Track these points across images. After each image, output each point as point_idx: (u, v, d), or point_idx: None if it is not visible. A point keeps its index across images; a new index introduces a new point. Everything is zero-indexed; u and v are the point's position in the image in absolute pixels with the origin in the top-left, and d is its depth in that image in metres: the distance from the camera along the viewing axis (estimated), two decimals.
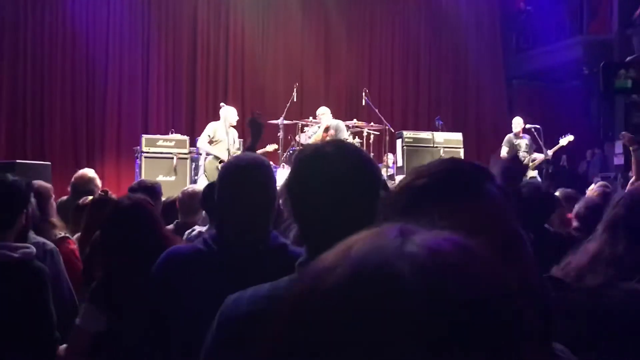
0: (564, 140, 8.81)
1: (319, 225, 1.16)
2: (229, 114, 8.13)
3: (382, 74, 13.13)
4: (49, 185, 3.43)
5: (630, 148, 5.02)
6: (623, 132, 5.17)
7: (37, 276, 2.18)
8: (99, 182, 4.51)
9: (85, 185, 4.31)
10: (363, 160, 1.23)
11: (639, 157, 4.97)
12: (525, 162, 8.41)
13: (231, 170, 1.79)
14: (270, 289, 1.18)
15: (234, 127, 8.19)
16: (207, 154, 7.93)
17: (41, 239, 2.69)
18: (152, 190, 3.55)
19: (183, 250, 1.80)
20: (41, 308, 2.18)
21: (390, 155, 10.76)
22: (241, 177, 1.75)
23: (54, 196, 3.53)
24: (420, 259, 0.45)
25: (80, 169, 6.57)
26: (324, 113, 8.84)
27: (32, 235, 2.64)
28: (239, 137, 8.51)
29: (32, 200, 2.62)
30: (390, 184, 9.32)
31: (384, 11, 13.17)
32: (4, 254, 2.14)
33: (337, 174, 1.17)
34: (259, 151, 8.28)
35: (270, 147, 8.57)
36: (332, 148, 1.22)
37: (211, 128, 8.11)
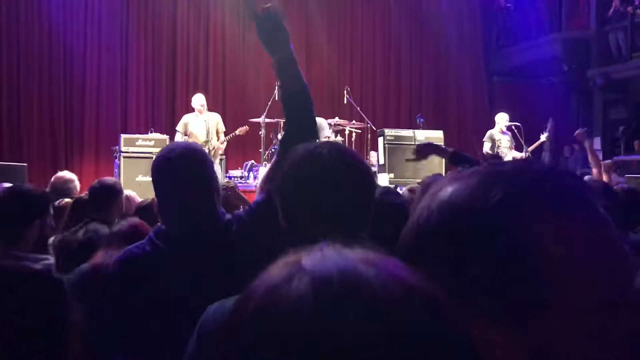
0: (544, 136, 8.90)
1: (310, 228, 1.11)
2: (193, 101, 8.16)
3: (363, 72, 13.13)
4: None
5: (586, 143, 5.08)
6: (579, 130, 5.23)
7: (57, 288, 2.14)
8: (77, 184, 4.43)
9: (64, 185, 4.24)
10: (358, 164, 1.20)
11: (594, 152, 5.05)
12: (505, 158, 8.45)
13: (162, 164, 1.76)
14: None
15: (218, 114, 8.24)
16: None
17: None
18: (110, 189, 3.45)
19: (135, 255, 1.74)
20: (60, 321, 2.14)
21: (373, 153, 10.75)
22: (172, 169, 1.73)
23: None
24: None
25: (58, 169, 6.47)
26: None
27: None
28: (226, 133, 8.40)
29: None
30: None
31: (365, 9, 13.16)
32: (25, 265, 2.11)
33: (332, 176, 1.13)
34: (228, 136, 8.30)
35: (240, 130, 8.46)
36: (327, 149, 1.18)
37: (181, 123, 8.14)
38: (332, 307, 0.40)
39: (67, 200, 3.72)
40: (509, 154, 8.56)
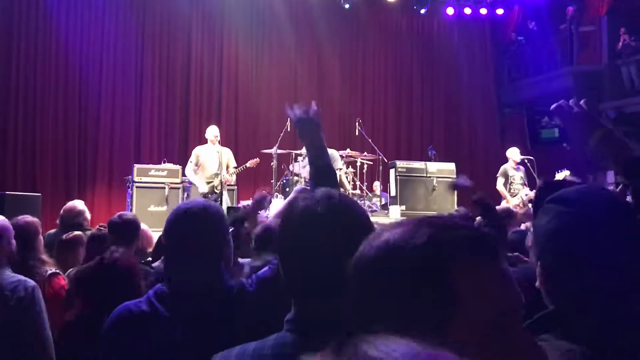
0: (559, 176, 8.75)
1: (308, 284, 1.12)
2: (207, 133, 8.18)
3: (375, 104, 13.20)
4: (36, 220, 3.34)
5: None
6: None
7: None
8: (88, 215, 4.45)
9: (74, 219, 4.25)
10: (355, 221, 1.17)
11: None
12: (518, 195, 8.39)
13: (174, 217, 1.74)
14: (257, 349, 1.14)
15: (228, 147, 8.23)
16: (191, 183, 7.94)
17: (21, 277, 2.61)
18: (131, 224, 3.46)
19: (130, 312, 1.69)
20: None
21: (377, 183, 10.75)
22: (184, 224, 1.71)
23: (41, 230, 3.43)
24: None
25: (70, 199, 6.51)
26: None
27: (8, 273, 2.58)
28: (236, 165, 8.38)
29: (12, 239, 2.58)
30: (383, 213, 9.15)
31: (377, 42, 13.29)
32: None
33: (328, 236, 1.12)
34: (238, 168, 8.27)
35: (251, 163, 8.40)
36: (324, 208, 1.16)
37: (193, 154, 8.15)
38: None
39: (76, 233, 3.72)
40: (522, 191, 8.47)
